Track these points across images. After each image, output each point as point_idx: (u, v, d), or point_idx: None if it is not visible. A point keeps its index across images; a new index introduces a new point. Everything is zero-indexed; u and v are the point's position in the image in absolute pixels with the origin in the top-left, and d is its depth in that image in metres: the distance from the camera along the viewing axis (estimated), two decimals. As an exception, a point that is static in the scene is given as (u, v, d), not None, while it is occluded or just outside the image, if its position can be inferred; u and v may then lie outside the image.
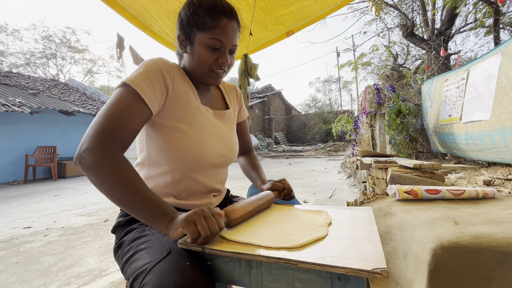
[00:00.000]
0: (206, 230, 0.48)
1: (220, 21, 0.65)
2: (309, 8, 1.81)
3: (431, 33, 5.61)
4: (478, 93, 2.54)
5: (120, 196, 0.51)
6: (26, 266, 1.72)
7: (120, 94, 0.58)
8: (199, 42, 0.66)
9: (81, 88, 10.89)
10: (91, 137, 0.53)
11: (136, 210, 0.51)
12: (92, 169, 0.51)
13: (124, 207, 0.52)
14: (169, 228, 0.50)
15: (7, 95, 6.53)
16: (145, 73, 0.61)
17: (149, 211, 0.51)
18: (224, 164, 0.78)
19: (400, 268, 0.80)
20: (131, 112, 0.57)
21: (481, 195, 0.93)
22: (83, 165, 0.52)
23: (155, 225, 0.52)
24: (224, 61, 0.68)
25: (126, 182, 0.51)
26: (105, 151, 0.52)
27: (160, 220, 0.51)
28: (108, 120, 0.54)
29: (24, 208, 3.45)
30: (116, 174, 0.51)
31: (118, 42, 2.27)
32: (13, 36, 17.16)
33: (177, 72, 0.69)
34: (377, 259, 0.41)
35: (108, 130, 0.54)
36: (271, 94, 17.50)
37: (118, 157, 0.53)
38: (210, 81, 0.72)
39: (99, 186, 0.52)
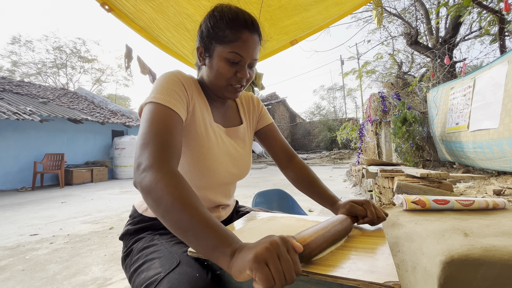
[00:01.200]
0: (281, 277, 0.35)
1: (241, 34, 0.63)
2: (313, 18, 1.84)
3: (435, 41, 5.62)
4: (485, 101, 2.52)
5: (177, 217, 0.43)
6: (32, 274, 1.73)
7: (154, 111, 0.56)
8: (218, 55, 0.64)
9: (90, 96, 11.13)
10: (148, 156, 0.50)
11: (194, 237, 0.42)
12: (152, 186, 0.46)
13: (180, 232, 0.43)
14: (232, 266, 0.38)
15: (18, 103, 6.72)
16: (169, 86, 0.61)
17: (209, 238, 0.41)
18: (234, 181, 0.77)
19: (409, 281, 0.78)
20: (173, 125, 0.56)
21: (491, 206, 0.91)
22: (143, 185, 0.47)
23: (215, 260, 0.41)
24: (243, 76, 0.66)
25: (185, 201, 0.44)
26: (164, 167, 0.49)
27: (221, 252, 0.40)
28: (157, 136, 0.52)
29: (32, 215, 3.49)
30: (174, 191, 0.45)
31: (127, 53, 2.33)
32: (26, 47, 17.78)
33: (193, 85, 0.69)
34: (388, 272, 0.40)
35: (162, 146, 0.52)
36: (275, 102, 17.59)
37: (177, 172, 0.50)
38: (228, 95, 0.70)
39: (156, 206, 0.45)
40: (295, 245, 0.40)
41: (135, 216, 0.71)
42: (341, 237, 0.54)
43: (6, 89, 7.74)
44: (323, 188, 0.76)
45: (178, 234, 0.44)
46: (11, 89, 7.91)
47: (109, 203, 4.19)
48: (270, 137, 0.84)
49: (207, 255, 0.42)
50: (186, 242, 0.44)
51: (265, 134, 0.85)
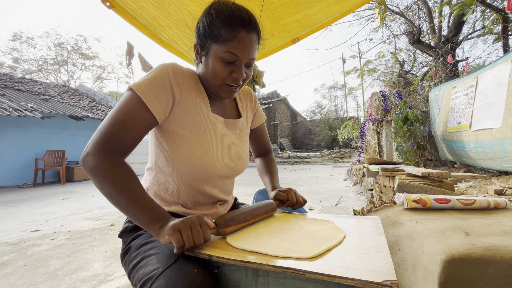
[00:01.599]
0: (190, 240, 0.49)
1: (237, 33, 0.61)
2: (315, 16, 1.83)
3: (438, 40, 5.58)
4: (488, 101, 2.50)
5: (117, 199, 0.53)
6: (33, 270, 1.74)
7: (125, 100, 0.59)
8: (213, 54, 0.63)
9: (91, 94, 11.13)
10: (94, 142, 0.56)
11: (131, 214, 0.53)
12: (93, 172, 0.54)
13: (121, 210, 0.54)
14: (159, 234, 0.51)
15: (20, 100, 6.73)
16: (153, 79, 0.61)
17: (142, 215, 0.53)
18: (232, 175, 0.76)
19: (409, 279, 0.78)
20: (134, 119, 0.58)
21: (493, 205, 0.90)
22: (86, 168, 0.55)
23: (148, 230, 0.53)
24: (239, 76, 0.65)
25: (122, 186, 0.53)
26: (104, 156, 0.55)
27: (152, 225, 0.52)
28: (111, 126, 0.57)
29: (33, 211, 3.51)
30: (113, 178, 0.54)
31: (128, 50, 2.33)
32: (27, 43, 17.78)
33: (188, 78, 0.67)
34: (386, 271, 0.40)
35: (110, 136, 0.56)
36: (276, 101, 17.56)
37: (116, 161, 0.55)
38: (222, 95, 0.69)
39: (100, 189, 0.55)
40: (208, 222, 0.54)
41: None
42: (260, 216, 0.68)
43: (8, 85, 7.75)
44: (272, 177, 0.89)
45: (120, 211, 0.54)
46: (12, 85, 7.92)
47: (110, 200, 4.20)
48: (260, 136, 0.93)
49: (143, 227, 0.54)
50: (128, 217, 0.55)
51: (256, 134, 0.92)
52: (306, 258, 0.46)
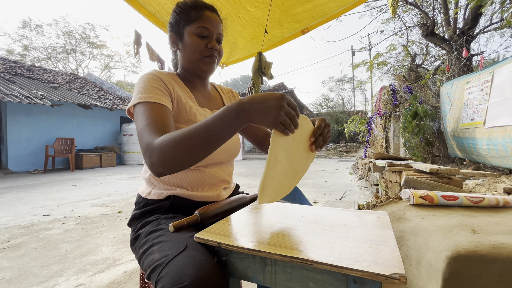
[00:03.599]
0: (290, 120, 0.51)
1: (203, 12, 0.74)
2: (326, 6, 1.78)
3: (452, 33, 5.39)
4: (504, 97, 2.42)
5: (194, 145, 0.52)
6: (45, 252, 1.81)
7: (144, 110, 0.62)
8: (188, 33, 0.73)
9: (99, 82, 11.21)
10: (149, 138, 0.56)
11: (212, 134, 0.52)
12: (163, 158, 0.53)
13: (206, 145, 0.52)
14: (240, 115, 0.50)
15: (30, 87, 6.84)
16: (149, 84, 0.67)
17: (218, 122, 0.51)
18: (229, 158, 0.81)
19: (413, 274, 0.79)
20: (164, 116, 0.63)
21: (502, 204, 0.89)
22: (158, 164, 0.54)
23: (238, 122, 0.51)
24: (213, 46, 0.74)
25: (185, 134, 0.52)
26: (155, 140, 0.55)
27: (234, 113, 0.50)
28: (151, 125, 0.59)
29: (44, 196, 3.62)
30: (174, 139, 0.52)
31: (136, 39, 2.32)
32: (36, 31, 17.89)
33: (172, 79, 0.75)
34: (394, 264, 0.40)
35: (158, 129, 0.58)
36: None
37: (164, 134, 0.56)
38: (204, 67, 0.76)
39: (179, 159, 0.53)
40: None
41: (140, 202, 0.74)
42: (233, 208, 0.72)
43: (18, 73, 7.87)
44: None
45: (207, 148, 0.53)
46: (22, 73, 8.04)
47: (118, 187, 4.30)
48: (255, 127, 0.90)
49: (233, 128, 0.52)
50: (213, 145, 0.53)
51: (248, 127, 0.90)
52: None
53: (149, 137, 0.56)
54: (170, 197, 0.71)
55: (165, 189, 0.72)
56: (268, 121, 0.50)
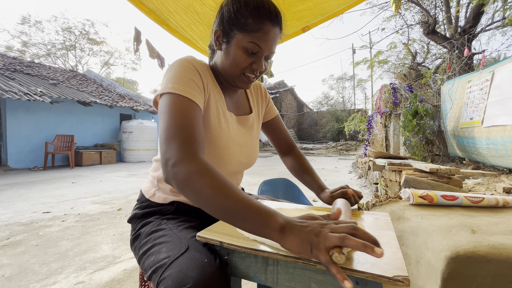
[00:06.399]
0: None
1: (263, 25, 0.61)
2: (327, 4, 1.77)
3: (454, 31, 5.36)
4: (503, 96, 2.42)
5: (221, 205, 0.46)
6: (45, 249, 1.81)
7: (174, 103, 0.56)
8: (236, 43, 0.63)
9: (98, 79, 11.17)
10: (176, 151, 0.50)
11: (241, 219, 0.45)
12: (188, 180, 0.47)
13: (227, 217, 0.46)
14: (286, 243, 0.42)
15: (29, 84, 6.81)
16: (185, 74, 0.60)
17: (255, 218, 0.44)
18: (243, 170, 0.78)
19: (412, 274, 0.79)
20: (194, 117, 0.56)
21: (501, 204, 0.89)
22: (178, 180, 0.48)
23: (265, 236, 0.44)
24: (259, 68, 0.65)
25: (224, 190, 0.46)
26: (195, 159, 0.49)
27: (271, 229, 0.43)
28: (182, 130, 0.52)
29: (44, 193, 3.62)
30: (212, 181, 0.47)
31: (135, 36, 2.31)
32: (36, 27, 17.79)
33: (207, 72, 0.67)
34: (397, 266, 0.40)
35: (188, 140, 0.52)
36: (283, 91, 17.35)
37: (208, 164, 0.50)
38: (240, 85, 0.69)
39: (197, 198, 0.47)
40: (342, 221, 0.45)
41: (142, 201, 0.73)
42: None
43: (17, 69, 7.83)
44: (315, 176, 0.83)
45: (224, 219, 0.46)
46: (22, 69, 8.00)
47: (117, 185, 4.30)
48: (276, 129, 0.89)
49: (257, 233, 0.45)
50: (233, 225, 0.47)
51: (272, 126, 0.89)
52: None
53: (182, 145, 0.50)
54: (175, 202, 0.69)
55: (170, 194, 0.70)
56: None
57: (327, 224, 0.42)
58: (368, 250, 0.36)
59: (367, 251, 0.36)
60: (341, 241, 0.38)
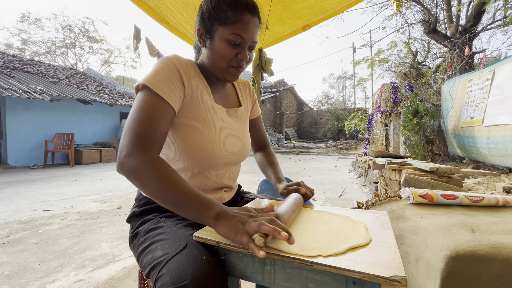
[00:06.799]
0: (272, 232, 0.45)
1: (243, 16, 0.64)
2: (328, 2, 1.76)
3: (455, 30, 5.34)
4: (504, 96, 2.41)
5: (164, 196, 0.51)
6: (45, 247, 1.81)
7: (144, 98, 0.59)
8: (219, 36, 0.66)
9: (98, 77, 11.15)
10: (128, 144, 0.54)
11: (181, 208, 0.51)
12: (134, 172, 0.52)
13: (170, 206, 0.52)
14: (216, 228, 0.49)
15: (29, 82, 6.80)
16: (163, 72, 0.62)
17: (193, 207, 0.50)
18: (237, 162, 0.79)
19: (411, 273, 0.79)
20: (159, 115, 0.59)
21: (501, 203, 0.89)
22: (126, 171, 0.53)
23: (203, 223, 0.51)
24: (244, 57, 0.68)
25: (168, 182, 0.51)
26: (143, 153, 0.53)
27: (206, 216, 0.50)
28: (139, 125, 0.56)
29: (44, 191, 3.62)
30: (156, 174, 0.52)
31: (135, 34, 2.30)
32: (35, 25, 17.72)
33: (191, 69, 0.69)
34: (395, 266, 0.40)
35: (142, 135, 0.55)
36: (283, 89, 17.32)
37: (156, 158, 0.54)
38: (228, 77, 0.71)
39: (143, 189, 0.53)
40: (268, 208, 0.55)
41: (140, 199, 0.73)
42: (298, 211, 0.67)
43: (17, 67, 7.82)
44: (276, 170, 0.88)
45: (168, 207, 0.52)
46: (21, 67, 7.98)
47: (117, 183, 4.30)
48: (256, 128, 0.95)
49: (196, 220, 0.51)
50: (176, 212, 0.53)
51: (253, 125, 0.94)
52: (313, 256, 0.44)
53: (135, 140, 0.54)
54: None
55: None
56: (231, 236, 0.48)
57: (254, 216, 0.49)
58: (275, 234, 0.43)
59: (274, 234, 0.43)
60: (258, 227, 0.45)
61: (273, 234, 0.44)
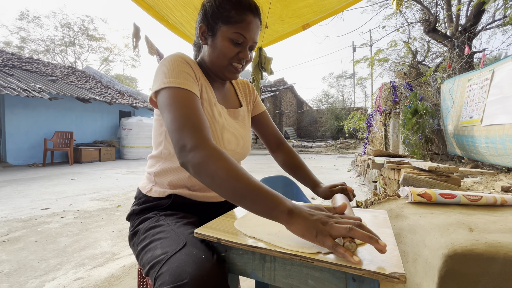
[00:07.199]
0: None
1: (246, 16, 0.66)
2: (328, 1, 1.76)
3: (454, 30, 5.34)
4: (503, 95, 2.42)
5: (234, 187, 0.48)
6: (44, 246, 1.81)
7: (176, 96, 0.58)
8: (222, 35, 0.67)
9: (97, 76, 11.12)
10: (190, 138, 0.52)
11: (251, 201, 0.48)
12: (204, 163, 0.50)
13: (238, 199, 0.49)
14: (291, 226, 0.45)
15: (28, 80, 6.78)
16: (179, 68, 0.62)
17: (264, 201, 0.47)
18: (238, 160, 0.79)
19: (409, 271, 0.79)
20: (197, 107, 0.58)
21: (499, 202, 0.89)
22: (194, 163, 0.51)
23: (274, 218, 0.47)
24: (245, 56, 0.70)
25: (237, 173, 0.49)
26: (208, 145, 0.52)
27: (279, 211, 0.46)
28: (189, 119, 0.55)
29: (43, 190, 3.62)
30: (226, 165, 0.49)
31: (135, 32, 2.29)
32: (34, 23, 17.66)
33: (197, 67, 0.70)
34: (394, 263, 0.40)
35: (196, 127, 0.54)
36: (283, 88, 17.32)
37: (221, 149, 0.52)
38: (228, 75, 0.72)
39: (212, 179, 0.50)
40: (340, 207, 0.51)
41: (140, 197, 0.73)
42: None
43: (16, 65, 7.79)
44: (309, 172, 0.84)
45: (235, 201, 0.49)
46: (20, 65, 7.96)
47: (117, 182, 4.30)
48: (263, 124, 0.90)
49: (266, 215, 0.47)
50: (243, 207, 0.49)
51: (259, 121, 0.90)
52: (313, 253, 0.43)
53: (193, 132, 0.53)
54: (172, 195, 0.70)
55: (167, 188, 0.71)
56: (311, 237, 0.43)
57: (334, 217, 0.45)
58: (372, 241, 0.39)
59: (371, 242, 0.39)
60: (348, 232, 0.40)
61: (369, 241, 0.39)
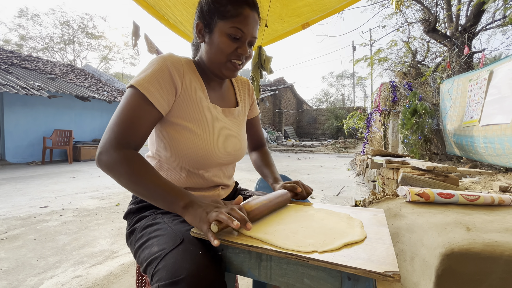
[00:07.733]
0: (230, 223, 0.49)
1: (243, 10, 0.64)
2: (327, 0, 1.75)
3: (454, 30, 5.34)
4: (501, 95, 2.42)
5: (137, 189, 0.56)
6: (43, 244, 1.82)
7: (129, 98, 0.60)
8: (219, 30, 0.65)
9: (97, 74, 11.08)
10: (105, 142, 0.57)
11: (153, 199, 0.56)
12: (109, 168, 0.56)
13: (143, 197, 0.57)
14: (184, 214, 0.53)
15: (27, 78, 6.75)
16: (153, 73, 0.61)
17: (164, 198, 0.55)
18: (232, 162, 0.79)
19: (407, 270, 0.80)
20: (140, 116, 0.59)
21: (497, 202, 0.90)
22: (102, 167, 0.57)
23: (173, 211, 0.55)
24: (244, 52, 0.67)
25: (140, 176, 0.55)
26: (120, 150, 0.56)
27: (176, 206, 0.54)
28: (118, 125, 0.58)
29: (42, 188, 3.61)
30: (129, 170, 0.55)
31: (134, 30, 2.28)
32: (33, 20, 17.59)
33: (186, 68, 0.68)
34: (389, 262, 0.41)
35: (119, 135, 0.57)
36: (283, 87, 17.30)
37: (128, 154, 0.57)
38: (227, 72, 0.70)
39: (119, 183, 0.57)
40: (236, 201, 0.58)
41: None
42: (280, 207, 0.69)
43: (15, 63, 7.76)
44: (272, 170, 0.90)
45: (144, 199, 0.57)
46: (19, 63, 7.92)
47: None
48: (253, 127, 0.94)
49: (168, 209, 0.56)
50: (152, 203, 0.58)
51: (250, 124, 0.93)
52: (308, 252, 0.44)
53: (112, 139, 0.57)
54: None
55: None
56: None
57: (219, 207, 0.52)
58: (229, 222, 0.47)
59: (228, 222, 0.47)
60: (216, 216, 0.49)
61: (227, 222, 0.47)
